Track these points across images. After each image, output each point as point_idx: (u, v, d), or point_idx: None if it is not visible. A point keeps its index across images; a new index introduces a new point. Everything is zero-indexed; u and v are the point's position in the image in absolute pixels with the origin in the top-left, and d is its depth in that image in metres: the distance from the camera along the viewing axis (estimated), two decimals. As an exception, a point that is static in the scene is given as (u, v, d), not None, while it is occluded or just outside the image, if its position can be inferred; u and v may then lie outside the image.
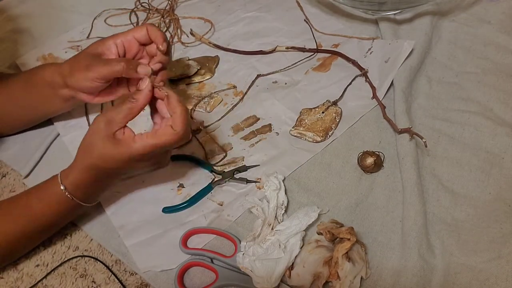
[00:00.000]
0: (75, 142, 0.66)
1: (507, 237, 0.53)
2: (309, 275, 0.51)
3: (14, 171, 0.65)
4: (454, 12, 0.76)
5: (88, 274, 0.55)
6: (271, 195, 0.56)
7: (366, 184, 0.59)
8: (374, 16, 0.76)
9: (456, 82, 0.68)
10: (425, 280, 0.51)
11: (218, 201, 0.59)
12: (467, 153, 0.60)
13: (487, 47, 0.71)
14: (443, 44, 0.72)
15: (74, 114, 0.70)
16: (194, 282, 0.54)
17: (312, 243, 0.53)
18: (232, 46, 0.77)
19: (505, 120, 0.62)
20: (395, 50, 0.68)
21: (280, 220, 0.55)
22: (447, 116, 0.64)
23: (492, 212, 0.55)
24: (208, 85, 0.73)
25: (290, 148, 0.63)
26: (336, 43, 0.75)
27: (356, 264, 0.50)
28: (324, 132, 0.64)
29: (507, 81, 0.66)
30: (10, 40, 0.81)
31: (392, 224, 0.55)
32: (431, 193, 0.57)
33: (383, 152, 0.61)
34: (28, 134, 0.68)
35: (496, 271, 0.51)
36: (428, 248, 0.53)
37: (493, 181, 0.57)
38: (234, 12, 0.83)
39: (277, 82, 0.71)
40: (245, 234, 0.55)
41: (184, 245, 0.55)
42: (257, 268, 0.50)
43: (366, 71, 0.69)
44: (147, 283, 0.54)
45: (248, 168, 0.61)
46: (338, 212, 0.57)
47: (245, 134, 0.66)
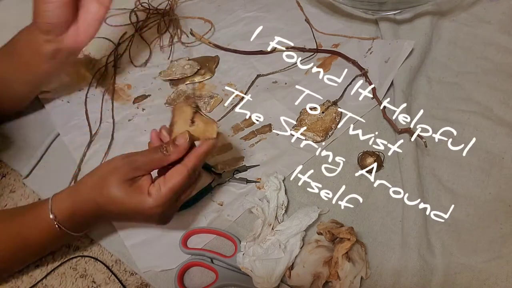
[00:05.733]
0: (75, 142, 0.67)
1: (507, 237, 0.53)
2: (309, 275, 0.51)
3: (14, 171, 0.65)
4: (454, 12, 0.76)
5: (88, 274, 0.55)
6: (271, 195, 0.56)
7: (366, 184, 0.59)
8: (374, 16, 0.76)
9: (456, 82, 0.68)
10: (425, 280, 0.51)
11: (218, 201, 0.59)
12: (467, 153, 0.60)
13: (487, 47, 0.71)
14: (443, 44, 0.72)
15: (74, 114, 0.70)
16: (194, 282, 0.54)
17: (312, 243, 0.53)
18: (232, 46, 0.77)
19: (505, 120, 0.62)
20: (395, 50, 0.68)
21: (280, 220, 0.55)
22: (447, 116, 0.64)
23: (492, 212, 0.55)
24: (208, 85, 0.73)
25: (290, 148, 0.63)
26: (336, 43, 0.75)
27: (356, 264, 0.50)
28: (324, 132, 0.64)
29: (507, 81, 0.66)
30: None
31: (392, 224, 0.55)
32: (431, 193, 0.57)
33: (383, 152, 0.61)
34: (28, 134, 0.68)
35: (496, 271, 0.51)
36: (428, 248, 0.53)
37: (493, 181, 0.57)
38: (234, 12, 0.83)
39: (277, 82, 0.71)
40: (245, 234, 0.55)
41: (184, 245, 0.55)
42: (257, 268, 0.50)
43: (366, 71, 0.69)
44: (147, 283, 0.54)
45: (248, 168, 0.61)
46: (338, 212, 0.57)
47: (245, 134, 0.66)
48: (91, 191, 0.48)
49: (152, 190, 0.46)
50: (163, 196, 0.46)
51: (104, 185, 0.46)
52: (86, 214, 0.49)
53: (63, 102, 0.72)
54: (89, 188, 0.48)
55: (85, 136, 0.67)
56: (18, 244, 0.51)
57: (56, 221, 0.48)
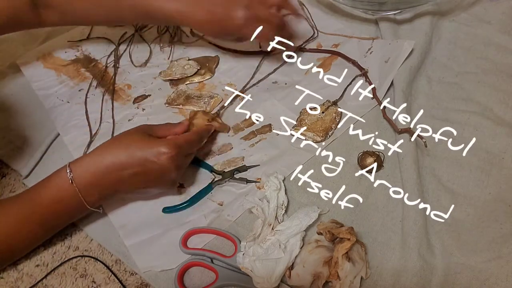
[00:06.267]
0: (75, 142, 0.67)
1: (507, 237, 0.53)
2: (309, 275, 0.51)
3: (14, 171, 0.65)
4: (454, 12, 0.76)
5: (88, 274, 0.55)
6: (271, 195, 0.56)
7: (366, 184, 0.59)
8: (374, 16, 0.76)
9: (456, 82, 0.68)
10: (425, 280, 0.51)
11: (218, 201, 0.59)
12: (467, 153, 0.60)
13: (487, 47, 0.71)
14: (443, 44, 0.72)
15: (74, 114, 0.70)
16: (194, 282, 0.54)
17: (312, 243, 0.53)
18: (232, 46, 0.77)
19: (505, 120, 0.62)
20: (395, 50, 0.68)
21: (280, 220, 0.55)
22: (447, 116, 0.64)
23: (492, 212, 0.55)
24: (208, 85, 0.73)
25: (290, 148, 0.63)
26: (336, 43, 0.75)
27: (356, 264, 0.50)
28: (324, 132, 0.64)
29: (507, 81, 0.66)
30: (10, 40, 0.81)
31: (392, 224, 0.55)
32: (431, 193, 0.57)
33: (383, 152, 0.61)
34: (28, 134, 0.68)
35: (496, 271, 0.51)
36: (428, 248, 0.53)
37: (493, 181, 0.57)
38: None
39: (277, 82, 0.71)
40: (245, 234, 0.55)
41: (184, 245, 0.55)
42: (257, 268, 0.50)
43: (366, 71, 0.69)
44: (147, 283, 0.54)
45: (248, 168, 0.61)
46: (338, 212, 0.57)
47: (245, 134, 0.66)
48: (109, 145, 0.54)
49: (168, 138, 0.56)
50: (177, 141, 0.54)
51: (124, 139, 0.54)
52: (102, 170, 0.52)
53: (63, 102, 0.72)
54: (107, 144, 0.54)
55: (85, 136, 0.67)
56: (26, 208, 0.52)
57: (71, 177, 0.51)
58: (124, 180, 0.53)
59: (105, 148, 0.54)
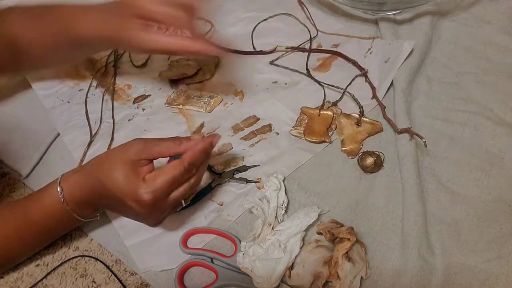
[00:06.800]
0: (75, 142, 0.67)
1: (507, 237, 0.53)
2: (309, 275, 0.51)
3: (14, 171, 0.65)
4: (454, 12, 0.76)
5: (88, 274, 0.55)
6: (271, 195, 0.56)
7: (366, 184, 0.59)
8: (374, 16, 0.76)
9: (456, 82, 0.68)
10: (425, 280, 0.51)
11: (218, 201, 0.59)
12: (467, 153, 0.60)
13: (487, 47, 0.71)
14: (443, 44, 0.72)
15: (74, 114, 0.70)
16: (194, 282, 0.54)
17: (312, 243, 0.53)
18: (232, 46, 0.77)
19: (505, 120, 0.62)
20: (395, 50, 0.68)
21: (280, 220, 0.55)
22: (447, 116, 0.64)
23: (492, 212, 0.55)
24: (208, 85, 0.73)
25: (290, 148, 0.63)
26: (336, 43, 0.75)
27: (356, 264, 0.50)
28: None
29: (507, 81, 0.66)
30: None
31: (392, 224, 0.55)
32: (431, 193, 0.57)
33: (383, 152, 0.61)
34: (28, 134, 0.68)
35: (496, 271, 0.51)
36: (428, 248, 0.53)
37: (493, 181, 0.57)
38: (234, 12, 0.83)
39: (277, 82, 0.71)
40: (245, 234, 0.55)
41: (184, 245, 0.55)
42: (257, 268, 0.51)
43: (366, 71, 0.69)
44: (147, 283, 0.54)
45: (248, 168, 0.61)
46: (338, 212, 0.57)
47: (245, 134, 0.66)
48: (95, 167, 0.50)
49: (147, 176, 0.48)
50: (156, 184, 0.47)
51: (109, 162, 0.48)
52: (89, 191, 0.50)
53: (63, 102, 0.72)
54: (94, 165, 0.50)
55: (85, 136, 0.67)
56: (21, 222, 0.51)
57: (62, 196, 0.49)
58: (113, 205, 0.52)
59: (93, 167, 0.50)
